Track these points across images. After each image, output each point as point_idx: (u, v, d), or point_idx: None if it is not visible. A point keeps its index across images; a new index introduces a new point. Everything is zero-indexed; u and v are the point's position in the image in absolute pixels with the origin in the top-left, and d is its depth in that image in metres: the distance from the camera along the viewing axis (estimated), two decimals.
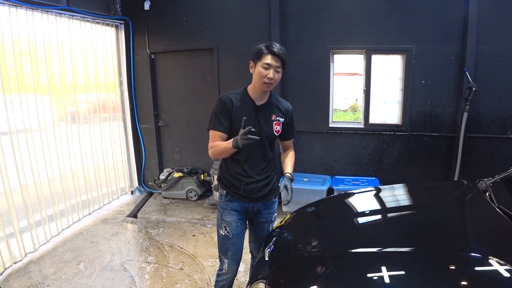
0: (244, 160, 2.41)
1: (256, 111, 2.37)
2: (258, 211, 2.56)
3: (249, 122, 2.27)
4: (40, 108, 4.20)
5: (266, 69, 2.23)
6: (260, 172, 2.46)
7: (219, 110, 2.33)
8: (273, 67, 2.23)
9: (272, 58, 2.22)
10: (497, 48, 4.42)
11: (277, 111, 2.45)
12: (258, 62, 2.25)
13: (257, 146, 2.38)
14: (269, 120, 2.41)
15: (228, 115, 2.32)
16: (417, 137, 4.90)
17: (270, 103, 2.44)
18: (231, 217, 2.50)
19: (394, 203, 2.82)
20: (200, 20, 5.32)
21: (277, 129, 2.45)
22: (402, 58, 4.82)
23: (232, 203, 2.50)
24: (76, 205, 4.85)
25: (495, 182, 2.56)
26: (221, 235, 2.55)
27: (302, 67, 5.06)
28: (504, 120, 4.57)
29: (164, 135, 5.99)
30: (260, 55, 2.23)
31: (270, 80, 2.25)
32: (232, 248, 2.54)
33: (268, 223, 2.65)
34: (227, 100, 2.33)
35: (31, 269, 3.81)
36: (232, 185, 2.46)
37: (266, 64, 2.22)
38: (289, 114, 2.52)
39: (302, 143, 5.27)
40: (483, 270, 1.74)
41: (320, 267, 1.96)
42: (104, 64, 5.32)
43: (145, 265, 3.88)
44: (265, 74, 2.23)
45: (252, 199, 2.48)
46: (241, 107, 2.34)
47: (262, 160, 2.46)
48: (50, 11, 4.27)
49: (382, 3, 4.67)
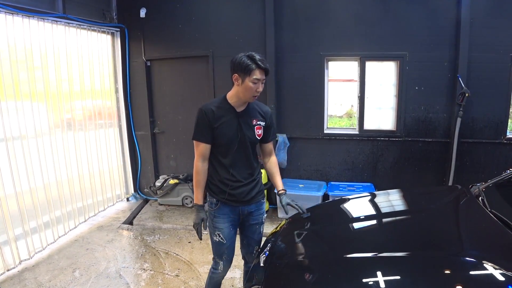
0: (230, 165, 2.49)
1: (237, 117, 2.46)
2: (249, 213, 2.64)
3: (232, 129, 2.42)
4: (36, 114, 4.19)
5: (255, 84, 2.32)
6: (247, 176, 2.55)
7: (200, 121, 2.43)
8: (261, 80, 2.34)
9: (260, 73, 2.31)
10: (489, 55, 4.48)
11: (258, 115, 2.54)
12: (247, 77, 2.31)
13: (242, 151, 2.49)
14: (251, 125, 2.50)
15: (210, 126, 2.41)
16: (411, 142, 4.94)
17: (250, 108, 2.52)
18: (223, 224, 2.58)
19: (389, 208, 2.84)
20: (196, 27, 5.35)
21: (259, 133, 2.54)
22: (396, 65, 4.87)
23: (223, 209, 2.56)
24: (72, 212, 4.83)
25: (488, 187, 2.59)
26: (215, 241, 2.63)
27: (297, 74, 5.10)
28: (497, 125, 4.62)
29: (160, 142, 5.99)
30: (250, 70, 2.29)
31: (258, 93, 2.36)
32: (226, 252, 2.65)
33: (259, 225, 2.72)
34: (208, 111, 2.41)
35: (26, 276, 3.78)
36: (221, 190, 2.53)
37: (256, 79, 2.31)
38: (269, 117, 2.61)
39: (297, 149, 5.30)
40: (477, 274, 1.76)
41: (308, 274, 1.98)
42: (100, 71, 5.33)
43: (141, 272, 3.87)
44: (255, 89, 2.33)
45: (242, 202, 2.56)
46: (223, 115, 2.43)
47: (248, 164, 2.56)
48: (47, 19, 4.28)
49: (376, 11, 4.73)
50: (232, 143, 2.45)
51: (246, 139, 2.47)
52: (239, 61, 2.31)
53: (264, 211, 2.75)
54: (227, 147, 2.46)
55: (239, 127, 2.45)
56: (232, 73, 2.38)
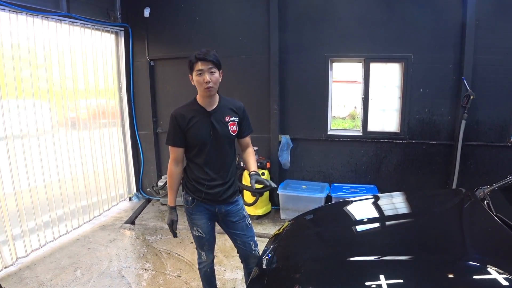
0: (205, 163, 2.54)
1: (209, 117, 2.51)
2: (227, 213, 2.68)
3: (204, 128, 2.48)
4: (38, 113, 4.21)
5: (200, 75, 2.38)
6: (222, 174, 2.59)
7: (172, 127, 2.50)
8: (206, 70, 2.38)
9: (201, 64, 2.37)
10: (495, 57, 4.45)
11: (230, 112, 2.58)
12: (193, 72, 2.41)
13: (216, 150, 2.54)
14: (224, 122, 2.55)
15: (182, 130, 2.48)
16: (415, 145, 4.91)
17: (221, 106, 2.56)
18: (201, 220, 2.66)
19: (392, 211, 2.82)
20: (200, 27, 5.35)
21: (233, 129, 2.59)
22: (400, 66, 4.85)
23: (199, 207, 2.63)
24: (76, 210, 4.84)
25: (493, 190, 2.56)
26: (195, 235, 2.73)
27: (301, 75, 5.08)
28: (502, 128, 4.58)
29: (163, 142, 5.97)
30: (192, 65, 2.40)
31: (208, 83, 2.38)
32: (207, 243, 2.76)
33: (243, 219, 2.74)
34: (178, 115, 2.48)
35: (27, 275, 3.78)
36: (197, 189, 2.59)
37: (199, 70, 2.38)
38: (242, 112, 2.65)
39: (300, 150, 5.28)
40: (481, 279, 1.73)
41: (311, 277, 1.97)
42: (104, 70, 5.34)
43: (143, 272, 3.86)
44: (202, 80, 2.38)
45: (218, 201, 2.62)
46: (194, 117, 2.48)
47: (222, 162, 2.59)
48: (51, 17, 4.29)
49: (380, 12, 4.71)
50: (205, 142, 2.50)
51: (220, 137, 2.52)
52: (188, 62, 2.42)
53: (243, 205, 2.78)
54: (201, 147, 2.51)
55: (212, 126, 2.50)
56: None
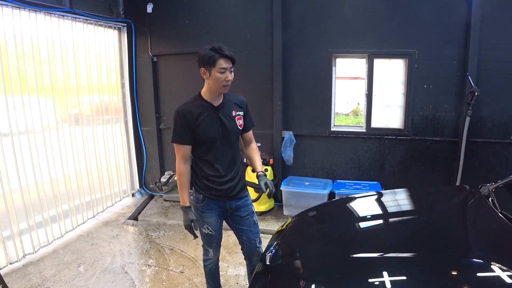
0: (215, 160, 2.52)
1: (216, 112, 2.48)
2: (237, 207, 2.68)
3: (212, 124, 2.45)
4: (43, 109, 4.21)
5: (223, 73, 2.33)
6: (232, 169, 2.59)
7: (180, 124, 2.43)
8: (228, 69, 2.35)
9: (225, 62, 2.32)
10: (499, 53, 4.41)
11: (235, 106, 2.58)
12: (213, 68, 2.32)
13: (225, 145, 2.53)
14: (231, 116, 2.54)
15: (189, 127, 2.42)
16: (419, 141, 4.89)
17: (227, 101, 2.55)
18: (211, 218, 2.64)
19: (396, 208, 2.81)
20: (203, 23, 5.32)
21: (240, 123, 2.59)
22: (404, 63, 4.81)
23: (210, 204, 2.61)
24: (80, 206, 4.86)
25: (498, 187, 2.55)
26: (204, 233, 2.70)
27: (304, 71, 5.06)
28: (507, 125, 4.55)
29: (166, 138, 5.98)
30: (214, 61, 2.30)
31: (228, 82, 2.37)
32: (215, 241, 2.75)
33: (251, 215, 2.74)
34: (186, 112, 2.42)
35: (31, 270, 3.80)
36: (207, 187, 2.56)
37: (222, 68, 2.32)
38: (245, 106, 2.65)
39: (303, 146, 5.26)
40: (485, 276, 1.73)
41: (314, 274, 1.96)
42: (107, 66, 5.33)
43: (146, 268, 3.87)
44: (224, 78, 2.34)
45: (228, 197, 2.62)
46: (201, 113, 2.43)
47: (231, 157, 2.59)
48: (53, 13, 4.28)
49: (384, 8, 4.67)
50: (215, 138, 2.48)
51: (228, 132, 2.50)
52: (203, 54, 2.33)
53: (251, 201, 2.79)
54: (210, 143, 2.48)
55: (220, 121, 2.47)
56: (199, 68, 2.39)
